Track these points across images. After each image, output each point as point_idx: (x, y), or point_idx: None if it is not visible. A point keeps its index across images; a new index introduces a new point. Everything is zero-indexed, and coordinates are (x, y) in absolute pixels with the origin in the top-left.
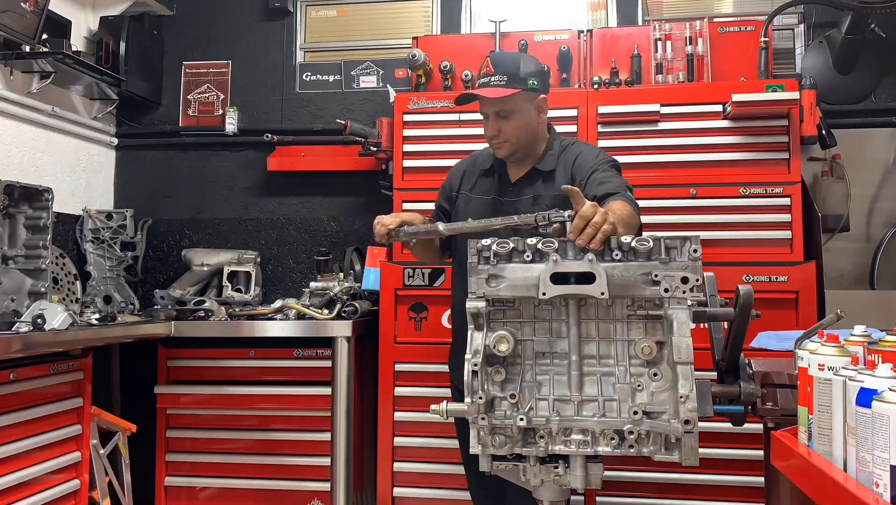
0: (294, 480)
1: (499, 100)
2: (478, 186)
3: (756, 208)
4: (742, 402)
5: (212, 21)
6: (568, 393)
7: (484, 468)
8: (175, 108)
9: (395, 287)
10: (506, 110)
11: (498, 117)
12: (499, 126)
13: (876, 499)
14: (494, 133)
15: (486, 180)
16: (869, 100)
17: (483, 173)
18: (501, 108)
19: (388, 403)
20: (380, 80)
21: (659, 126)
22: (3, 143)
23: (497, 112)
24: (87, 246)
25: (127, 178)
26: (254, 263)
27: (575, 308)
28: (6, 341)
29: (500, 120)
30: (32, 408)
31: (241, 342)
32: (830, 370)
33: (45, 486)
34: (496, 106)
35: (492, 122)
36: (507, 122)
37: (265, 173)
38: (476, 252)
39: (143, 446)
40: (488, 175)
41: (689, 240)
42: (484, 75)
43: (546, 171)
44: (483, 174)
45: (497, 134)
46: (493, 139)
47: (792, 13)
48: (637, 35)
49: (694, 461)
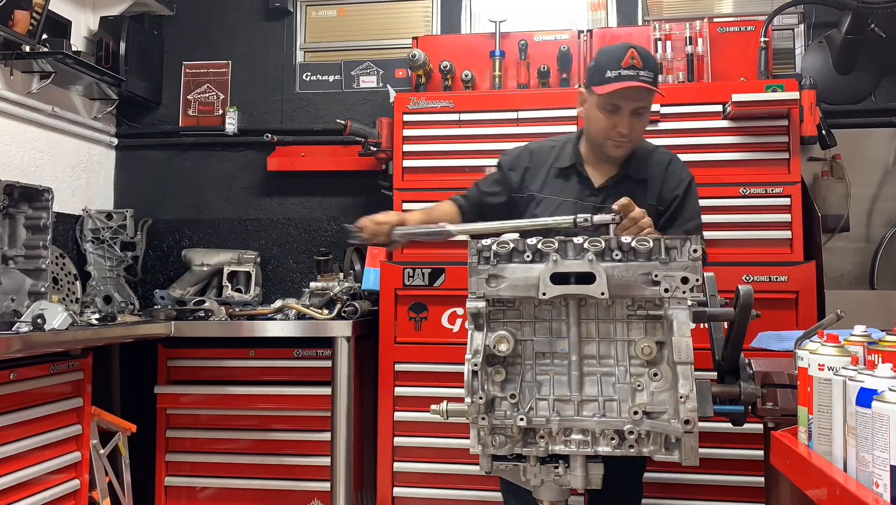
0: (294, 480)
1: (647, 97)
2: (549, 186)
3: (756, 208)
4: (742, 402)
5: (212, 21)
6: (568, 393)
7: (484, 468)
8: (175, 108)
9: (395, 287)
10: (644, 108)
11: (633, 114)
12: (632, 123)
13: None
14: (629, 131)
15: (559, 181)
16: (869, 100)
17: (558, 173)
18: (643, 105)
19: (388, 403)
20: (380, 80)
21: (659, 126)
22: (3, 143)
23: (635, 109)
24: (87, 246)
25: (127, 179)
26: (254, 263)
27: (575, 308)
28: (6, 341)
29: (635, 118)
30: (32, 408)
31: (241, 342)
32: (830, 370)
33: (45, 486)
34: (641, 103)
35: (626, 119)
36: (639, 121)
37: (265, 173)
38: (476, 252)
39: (143, 446)
40: (564, 175)
41: (689, 240)
42: (629, 67)
43: (638, 179)
44: (558, 173)
45: (630, 132)
46: (622, 137)
47: (792, 13)
48: (637, 35)
49: (694, 461)
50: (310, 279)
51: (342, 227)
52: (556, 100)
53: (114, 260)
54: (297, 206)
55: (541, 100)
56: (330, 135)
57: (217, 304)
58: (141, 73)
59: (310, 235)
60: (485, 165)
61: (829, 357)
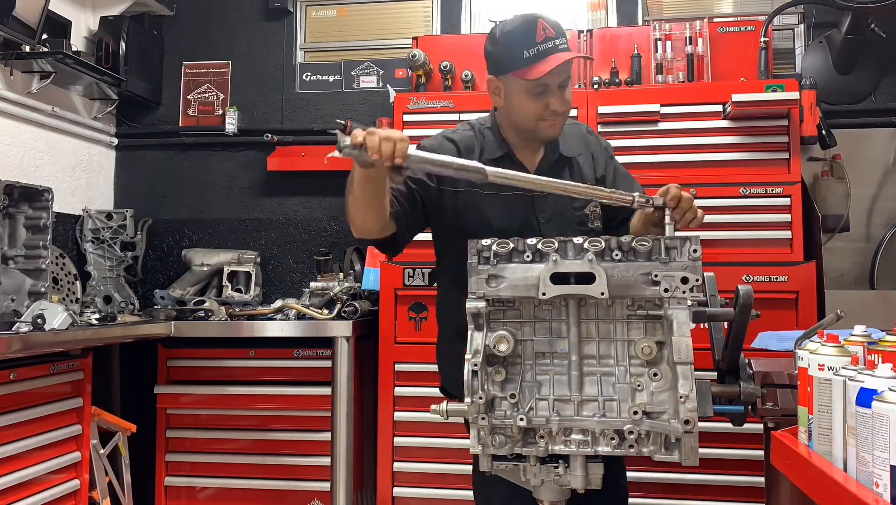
0: (294, 480)
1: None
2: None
3: (756, 208)
4: (742, 402)
5: (212, 21)
6: (568, 393)
7: (484, 468)
8: (175, 108)
9: (395, 287)
10: (568, 78)
11: (561, 88)
12: (562, 98)
13: (876, 499)
14: (565, 107)
15: None
16: (869, 100)
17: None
18: (568, 76)
19: (388, 403)
20: (380, 80)
21: (659, 126)
22: (3, 143)
23: (561, 83)
24: (87, 246)
25: (127, 178)
26: (254, 263)
27: (575, 308)
28: (6, 341)
29: (562, 91)
30: (32, 408)
31: (241, 342)
32: (830, 370)
33: (45, 486)
34: (566, 74)
35: (557, 95)
36: (565, 94)
37: (265, 173)
38: (476, 252)
39: (143, 446)
40: (498, 165)
41: (689, 240)
42: (545, 40)
43: (570, 157)
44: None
45: (563, 107)
46: (556, 115)
47: (792, 13)
48: (637, 35)
49: (694, 461)
50: (310, 279)
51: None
52: None
53: (114, 260)
54: (297, 206)
55: None
56: (330, 135)
57: (217, 304)
58: (141, 73)
59: (310, 235)
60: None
61: (829, 357)
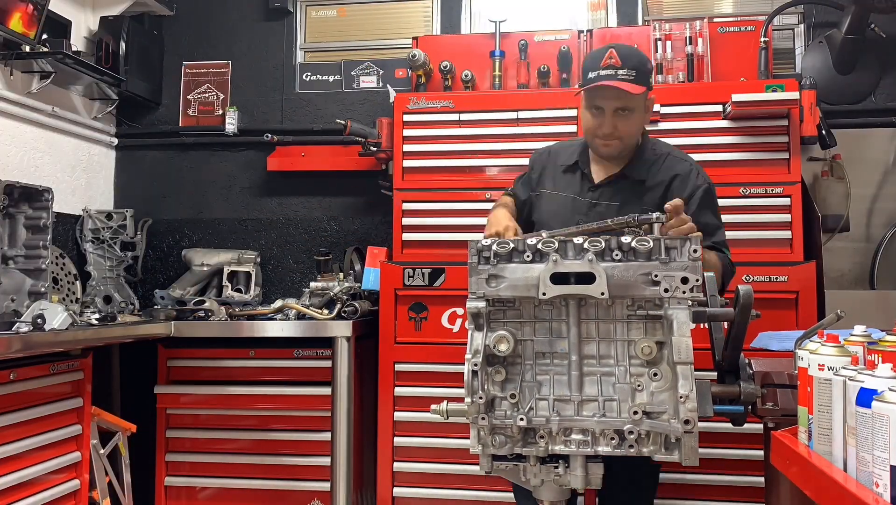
0: (294, 480)
1: (626, 96)
2: (557, 183)
3: (756, 208)
4: (742, 402)
5: (212, 21)
6: (568, 393)
7: (484, 468)
8: (175, 108)
9: (395, 287)
10: (629, 108)
11: (616, 114)
12: (615, 123)
13: (876, 499)
14: (611, 130)
15: (566, 177)
16: (869, 100)
17: (565, 169)
18: (626, 104)
19: (388, 403)
20: (380, 80)
21: (659, 126)
22: (3, 143)
23: (618, 108)
24: (87, 246)
25: (127, 179)
26: (254, 263)
27: (575, 308)
28: (6, 341)
29: (619, 117)
30: (32, 408)
31: (241, 342)
32: (830, 370)
33: (45, 486)
34: (620, 102)
35: (608, 119)
36: (626, 121)
37: (265, 173)
38: (476, 252)
39: (143, 446)
40: (570, 172)
41: (688, 240)
42: (607, 66)
43: (636, 180)
44: (565, 170)
45: (613, 131)
46: (607, 136)
47: (792, 13)
48: (637, 35)
49: (694, 461)
50: (310, 279)
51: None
52: (556, 100)
53: (114, 260)
54: (297, 206)
55: (541, 100)
56: (330, 135)
57: (217, 304)
58: (141, 73)
59: (310, 235)
60: (485, 165)
61: (829, 357)
